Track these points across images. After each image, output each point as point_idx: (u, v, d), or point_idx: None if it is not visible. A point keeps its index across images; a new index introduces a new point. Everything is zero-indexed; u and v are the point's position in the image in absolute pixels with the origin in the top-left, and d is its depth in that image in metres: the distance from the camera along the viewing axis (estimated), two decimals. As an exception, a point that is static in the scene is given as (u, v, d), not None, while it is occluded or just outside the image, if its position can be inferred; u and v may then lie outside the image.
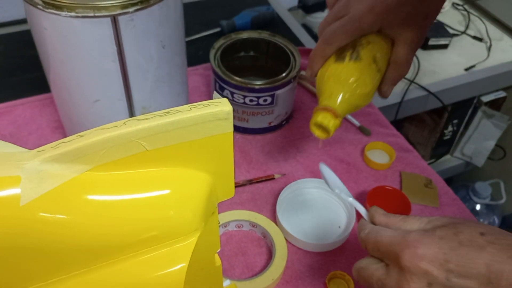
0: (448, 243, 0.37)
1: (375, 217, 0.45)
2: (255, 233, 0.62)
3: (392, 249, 0.39)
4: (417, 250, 0.38)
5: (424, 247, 0.38)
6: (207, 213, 0.35)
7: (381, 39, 0.54)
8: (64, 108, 0.64)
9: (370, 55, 0.53)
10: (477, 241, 0.37)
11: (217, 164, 0.35)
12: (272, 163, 0.72)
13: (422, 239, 0.38)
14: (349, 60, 0.52)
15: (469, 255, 0.36)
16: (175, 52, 0.60)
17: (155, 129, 0.30)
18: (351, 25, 0.51)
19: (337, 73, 0.53)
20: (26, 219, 0.28)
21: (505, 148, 1.35)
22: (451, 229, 0.38)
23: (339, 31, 0.52)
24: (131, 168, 0.32)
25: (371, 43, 0.53)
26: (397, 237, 0.40)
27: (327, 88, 0.53)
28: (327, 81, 0.53)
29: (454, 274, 0.37)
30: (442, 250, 0.37)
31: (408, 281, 0.38)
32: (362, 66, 0.52)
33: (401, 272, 0.38)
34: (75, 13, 0.49)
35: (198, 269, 0.36)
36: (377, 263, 0.41)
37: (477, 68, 1.12)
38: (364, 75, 0.52)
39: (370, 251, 0.43)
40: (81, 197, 0.30)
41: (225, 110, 0.32)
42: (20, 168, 0.28)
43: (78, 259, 0.30)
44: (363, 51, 0.52)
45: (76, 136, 0.30)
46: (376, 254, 0.42)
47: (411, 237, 0.39)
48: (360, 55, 0.52)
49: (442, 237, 0.38)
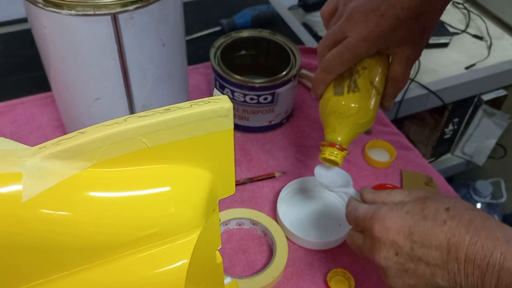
0: (414, 217, 0.42)
1: (364, 195, 0.51)
2: (256, 231, 0.62)
3: (366, 223, 0.45)
4: (385, 222, 0.43)
5: (391, 220, 0.43)
6: (208, 210, 0.35)
7: (377, 60, 0.54)
8: (64, 107, 0.64)
9: (367, 81, 0.53)
10: (440, 216, 0.41)
11: (217, 161, 0.35)
12: (273, 161, 0.72)
13: (390, 213, 0.43)
14: (347, 92, 0.53)
15: (432, 228, 0.41)
16: (175, 50, 0.60)
17: (155, 126, 0.30)
18: (347, 55, 0.52)
19: (337, 107, 0.53)
20: (27, 216, 0.28)
21: (505, 146, 1.35)
22: (418, 205, 0.43)
23: (337, 61, 0.52)
24: (132, 165, 0.32)
25: (367, 69, 0.53)
26: (370, 212, 0.45)
27: (330, 123, 0.55)
28: (329, 115, 0.54)
29: (418, 244, 0.41)
30: (407, 223, 0.42)
31: (378, 250, 0.43)
32: (361, 96, 0.53)
33: (373, 242, 0.44)
34: (75, 11, 0.49)
35: (199, 266, 0.36)
36: (358, 233, 0.48)
37: (478, 66, 1.12)
38: (364, 104, 0.53)
39: (352, 226, 0.49)
40: (81, 194, 0.30)
41: (225, 107, 0.32)
42: (21, 165, 0.28)
43: (79, 256, 0.30)
44: (360, 80, 0.53)
45: (76, 133, 0.30)
46: (357, 228, 0.48)
47: (381, 211, 0.44)
48: (357, 85, 0.53)
49: (409, 211, 0.43)
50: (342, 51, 0.52)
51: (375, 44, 0.51)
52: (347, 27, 0.51)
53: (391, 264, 0.43)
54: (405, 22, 0.49)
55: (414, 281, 0.42)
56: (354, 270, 0.58)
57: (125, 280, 0.32)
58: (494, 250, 0.38)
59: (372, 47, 0.51)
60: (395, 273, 0.43)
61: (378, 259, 0.43)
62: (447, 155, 1.39)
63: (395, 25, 0.49)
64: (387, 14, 0.49)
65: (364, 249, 0.46)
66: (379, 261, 0.43)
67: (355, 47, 0.51)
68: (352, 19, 0.50)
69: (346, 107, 0.53)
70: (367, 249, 0.45)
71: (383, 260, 0.43)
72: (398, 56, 0.53)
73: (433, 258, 0.40)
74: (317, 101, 0.77)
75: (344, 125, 0.54)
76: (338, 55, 0.52)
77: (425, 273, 0.41)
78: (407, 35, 0.50)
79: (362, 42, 0.50)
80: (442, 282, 0.40)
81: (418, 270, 0.41)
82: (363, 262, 0.59)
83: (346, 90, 0.53)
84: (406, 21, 0.49)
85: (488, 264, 0.38)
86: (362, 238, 0.47)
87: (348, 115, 0.53)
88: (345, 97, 0.53)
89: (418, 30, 0.51)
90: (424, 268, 0.41)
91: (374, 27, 0.49)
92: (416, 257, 0.41)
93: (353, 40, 0.51)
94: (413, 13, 0.48)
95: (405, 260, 0.42)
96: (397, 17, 0.48)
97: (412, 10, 0.48)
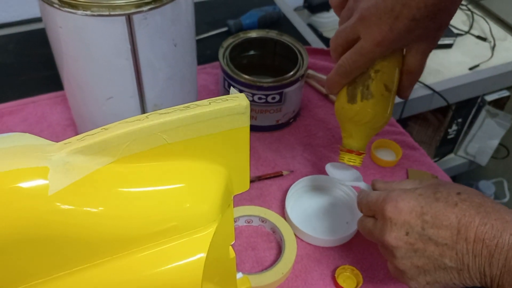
0: (426, 199, 0.44)
1: (376, 185, 0.53)
2: (265, 228, 0.63)
3: (378, 205, 0.46)
4: (398, 203, 0.44)
5: (404, 201, 0.44)
6: (224, 205, 0.36)
7: (390, 60, 0.51)
8: (76, 106, 0.65)
9: (381, 85, 0.52)
10: (452, 198, 0.43)
11: (233, 158, 0.36)
12: (280, 160, 0.73)
13: (403, 195, 0.45)
14: (361, 100, 0.52)
15: (443, 209, 0.42)
16: (186, 50, 0.61)
17: (176, 122, 0.31)
18: (362, 61, 0.50)
19: (352, 115, 0.53)
20: (53, 209, 0.29)
21: (508, 147, 1.36)
22: (431, 189, 0.45)
23: (352, 66, 0.51)
24: (152, 161, 0.33)
25: (380, 71, 0.51)
26: (382, 195, 0.47)
27: (347, 129, 0.56)
28: (345, 122, 0.55)
29: (429, 224, 0.42)
30: (419, 204, 0.43)
31: (389, 230, 0.44)
32: (375, 102, 0.52)
33: (384, 223, 0.45)
34: (90, 12, 0.50)
35: (214, 260, 0.37)
36: (369, 217, 0.49)
37: (481, 67, 1.13)
38: (380, 109, 0.53)
39: (364, 212, 0.50)
40: (103, 188, 0.31)
41: (243, 105, 0.33)
42: (48, 160, 0.29)
43: (102, 248, 0.31)
44: (373, 85, 0.51)
45: (100, 129, 0.31)
46: (368, 213, 0.49)
47: (394, 193, 0.45)
48: (371, 91, 0.52)
49: (421, 194, 0.44)
50: (356, 57, 0.50)
51: (389, 48, 0.49)
52: (359, 28, 0.48)
53: (401, 244, 0.44)
54: (422, 21, 0.46)
55: (422, 262, 0.43)
56: (362, 266, 0.59)
57: (144, 273, 0.33)
58: (504, 231, 0.39)
59: (386, 51, 0.49)
60: (404, 254, 0.44)
61: (388, 238, 0.44)
62: (450, 155, 1.40)
63: (410, 26, 0.46)
64: (402, 16, 0.45)
65: (374, 231, 0.47)
66: (389, 241, 0.44)
67: (369, 52, 0.49)
68: (365, 21, 0.47)
69: (361, 115, 0.53)
70: (378, 230, 0.46)
71: (393, 240, 0.44)
72: (413, 50, 0.51)
73: (443, 238, 0.41)
74: (323, 101, 0.78)
75: (360, 132, 0.55)
76: (352, 62, 0.50)
77: (434, 253, 0.42)
78: (423, 33, 0.48)
79: (376, 47, 0.48)
80: (450, 263, 0.41)
81: (427, 250, 0.42)
82: (371, 258, 0.60)
83: (360, 98, 0.52)
84: (422, 20, 0.45)
85: (497, 244, 0.39)
86: (372, 222, 0.48)
87: (364, 122, 0.53)
88: (359, 105, 0.52)
89: (435, 27, 0.48)
90: (433, 249, 0.42)
91: (388, 32, 0.46)
92: (426, 237, 0.42)
93: (366, 45, 0.48)
94: (431, 12, 0.45)
95: (415, 240, 0.43)
96: (413, 18, 0.45)
97: (430, 9, 0.44)
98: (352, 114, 0.53)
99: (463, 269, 0.41)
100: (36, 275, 0.30)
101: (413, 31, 0.47)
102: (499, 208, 0.41)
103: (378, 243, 0.48)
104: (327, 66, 0.89)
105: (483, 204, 0.41)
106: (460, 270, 0.41)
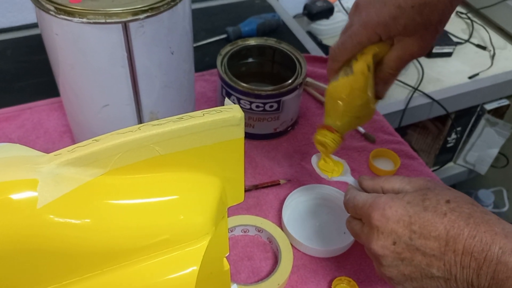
0: (414, 208, 0.42)
1: (363, 183, 0.51)
2: (261, 238, 0.63)
3: (365, 210, 0.45)
4: (385, 211, 0.43)
5: (392, 209, 0.43)
6: (218, 217, 0.36)
7: (379, 46, 0.53)
8: (72, 113, 0.64)
9: (364, 65, 0.53)
10: (441, 208, 0.41)
11: (228, 169, 0.36)
12: (278, 169, 0.72)
13: (390, 202, 0.43)
14: (342, 76, 0.53)
15: (432, 219, 0.41)
16: (183, 58, 0.61)
17: (169, 134, 0.31)
18: (349, 42, 0.52)
19: (331, 92, 0.54)
20: (42, 221, 0.28)
21: (508, 156, 1.36)
22: (419, 195, 0.43)
23: (340, 48, 0.54)
24: (144, 172, 0.32)
25: (365, 54, 0.53)
26: (369, 200, 0.45)
27: (327, 108, 0.56)
28: (326, 102, 0.56)
29: (417, 234, 0.41)
30: (407, 213, 0.42)
31: (376, 239, 0.44)
32: (354, 79, 0.53)
33: (371, 230, 0.44)
34: (86, 19, 0.50)
35: (207, 273, 0.37)
36: (357, 220, 0.48)
37: (481, 76, 1.13)
38: (358, 85, 0.53)
39: (350, 213, 0.50)
40: (94, 200, 0.30)
41: (237, 117, 0.32)
42: (37, 171, 0.28)
43: (91, 262, 0.31)
44: (355, 64, 0.53)
45: (91, 140, 0.30)
46: (355, 215, 0.48)
47: (381, 200, 0.44)
48: (352, 69, 0.53)
49: (410, 202, 0.43)
50: (345, 39, 0.53)
51: (375, 32, 0.51)
52: (353, 16, 0.52)
53: (387, 253, 0.43)
54: (407, 11, 0.49)
55: (409, 270, 0.43)
56: (358, 278, 0.59)
57: (136, 286, 0.33)
58: (493, 244, 0.38)
59: (373, 35, 0.51)
60: (390, 262, 0.43)
61: (375, 247, 0.44)
62: (449, 164, 1.40)
63: (395, 13, 0.49)
64: (390, 2, 0.49)
65: (361, 235, 0.47)
66: (376, 249, 0.44)
67: (356, 34, 0.52)
68: (357, 8, 0.52)
69: (339, 90, 0.53)
70: (365, 236, 0.46)
71: (380, 249, 0.43)
72: (398, 45, 0.53)
73: (430, 248, 0.41)
74: (321, 109, 0.77)
75: (336, 107, 0.54)
76: (341, 43, 0.53)
77: (421, 263, 0.42)
78: (409, 25, 0.50)
79: (362, 29, 0.51)
80: (437, 273, 0.41)
81: (415, 260, 0.42)
82: (367, 270, 0.60)
83: (342, 75, 0.53)
84: (407, 10, 0.49)
85: (485, 257, 0.38)
86: (360, 225, 0.47)
87: (340, 97, 0.53)
88: (339, 81, 0.53)
89: (421, 21, 0.50)
90: (421, 258, 0.41)
91: (374, 15, 0.50)
92: (414, 247, 0.42)
93: (354, 27, 0.52)
94: (415, 2, 0.48)
95: (402, 249, 0.42)
96: (399, 5, 0.48)
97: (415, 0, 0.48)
98: (332, 91, 0.54)
99: (450, 279, 0.41)
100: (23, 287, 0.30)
101: (398, 19, 0.49)
102: (489, 218, 0.40)
103: (365, 247, 0.47)
104: (325, 74, 0.88)
105: (473, 214, 0.40)
106: (447, 279, 0.41)
